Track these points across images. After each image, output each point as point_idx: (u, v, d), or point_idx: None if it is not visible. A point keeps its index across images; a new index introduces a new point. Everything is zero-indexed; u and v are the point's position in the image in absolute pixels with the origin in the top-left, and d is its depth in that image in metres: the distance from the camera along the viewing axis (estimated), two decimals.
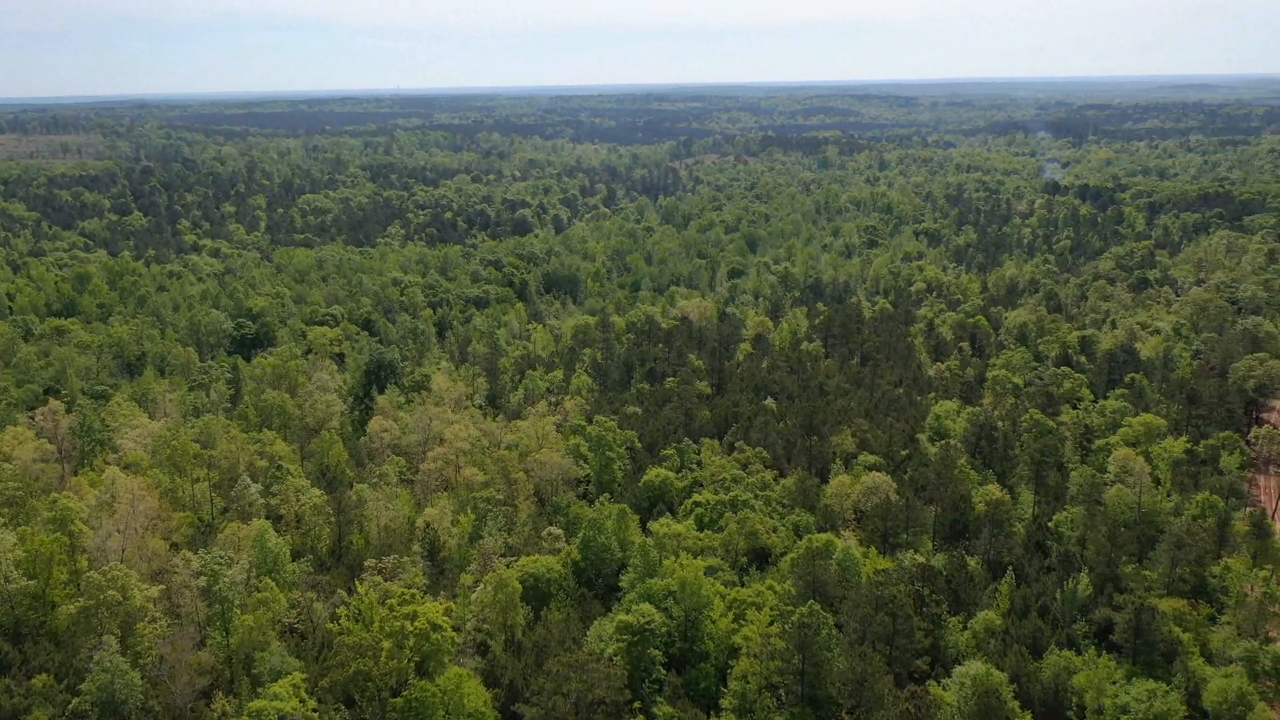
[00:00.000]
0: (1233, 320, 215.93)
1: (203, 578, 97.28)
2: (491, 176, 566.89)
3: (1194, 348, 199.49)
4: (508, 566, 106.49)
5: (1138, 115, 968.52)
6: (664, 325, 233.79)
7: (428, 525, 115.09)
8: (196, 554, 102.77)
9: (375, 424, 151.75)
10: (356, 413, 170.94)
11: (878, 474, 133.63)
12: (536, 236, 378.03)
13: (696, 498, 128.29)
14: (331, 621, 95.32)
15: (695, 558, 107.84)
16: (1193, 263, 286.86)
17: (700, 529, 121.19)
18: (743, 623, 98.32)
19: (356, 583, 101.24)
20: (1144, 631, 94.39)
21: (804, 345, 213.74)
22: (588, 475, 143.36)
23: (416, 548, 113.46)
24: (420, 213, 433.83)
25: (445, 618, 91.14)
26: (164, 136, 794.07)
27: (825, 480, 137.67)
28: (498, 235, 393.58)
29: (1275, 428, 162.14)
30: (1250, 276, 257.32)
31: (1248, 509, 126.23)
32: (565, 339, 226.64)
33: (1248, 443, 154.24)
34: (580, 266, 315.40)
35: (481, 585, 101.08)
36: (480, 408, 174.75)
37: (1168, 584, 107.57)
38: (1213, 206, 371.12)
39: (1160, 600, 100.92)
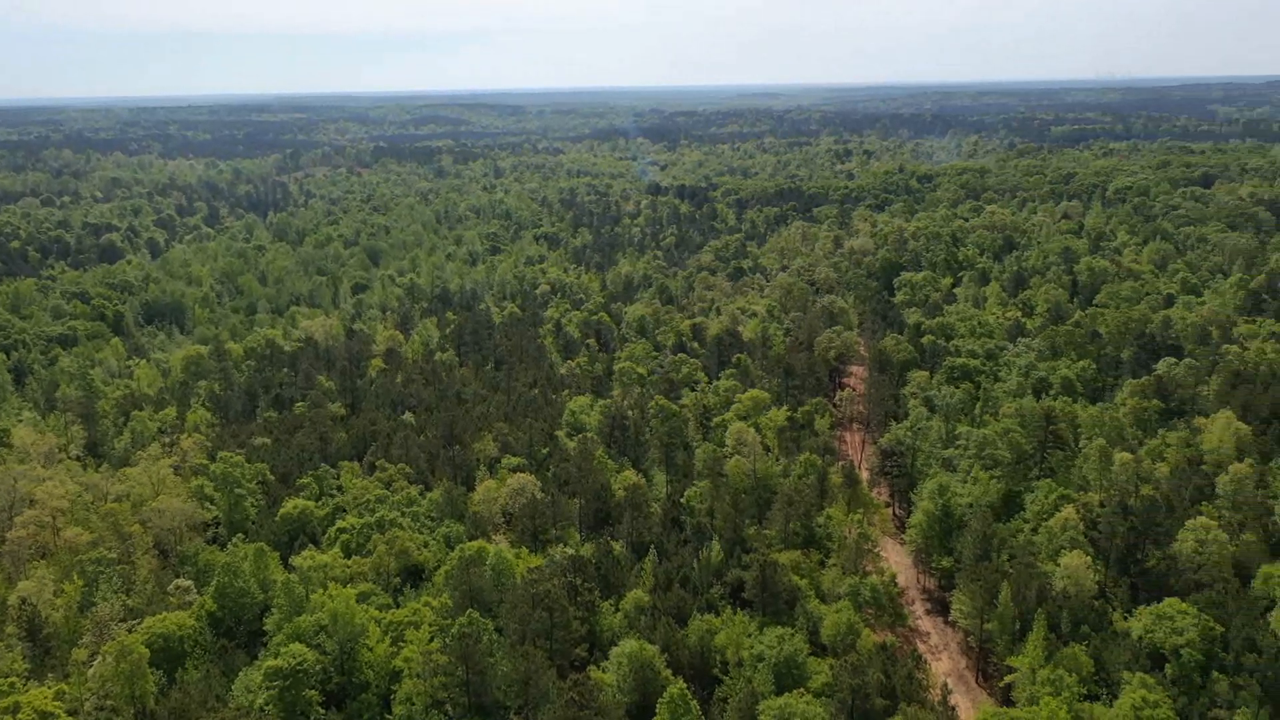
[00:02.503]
0: (813, 300, 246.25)
1: None
2: (67, 199, 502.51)
3: (785, 327, 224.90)
4: (130, 631, 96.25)
5: (720, 120, 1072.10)
6: (287, 348, 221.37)
7: (23, 601, 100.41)
8: None
9: None
10: None
11: (522, 475, 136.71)
12: (129, 263, 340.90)
13: (341, 524, 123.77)
14: None
15: (345, 586, 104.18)
16: (776, 251, 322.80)
17: (348, 556, 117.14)
18: (402, 644, 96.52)
19: None
20: (769, 585, 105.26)
21: (437, 355, 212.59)
22: (216, 517, 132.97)
23: (11, 629, 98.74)
24: None
25: (57, 703, 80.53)
26: None
27: (472, 488, 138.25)
28: (81, 264, 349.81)
29: (853, 390, 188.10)
30: (822, 261, 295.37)
31: (840, 463, 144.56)
32: (175, 373, 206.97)
33: (834, 405, 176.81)
34: (185, 292, 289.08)
35: (99, 657, 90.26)
36: (79, 459, 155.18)
37: (784, 539, 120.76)
38: (788, 200, 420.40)
39: (780, 554, 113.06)
